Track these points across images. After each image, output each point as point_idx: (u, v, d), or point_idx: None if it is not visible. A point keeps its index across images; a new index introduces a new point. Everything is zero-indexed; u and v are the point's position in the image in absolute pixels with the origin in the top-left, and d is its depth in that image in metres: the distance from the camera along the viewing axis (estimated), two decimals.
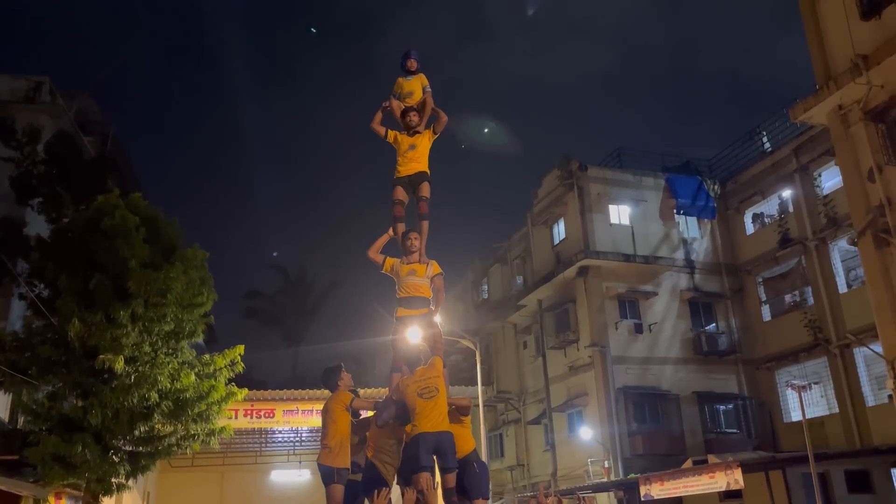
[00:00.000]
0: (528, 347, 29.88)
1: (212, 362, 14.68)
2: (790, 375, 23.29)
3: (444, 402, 5.80)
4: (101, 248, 13.46)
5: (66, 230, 14.50)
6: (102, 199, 13.91)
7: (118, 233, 13.33)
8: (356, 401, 6.04)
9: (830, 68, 17.40)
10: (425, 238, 7.01)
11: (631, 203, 26.79)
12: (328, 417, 5.94)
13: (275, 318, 50.71)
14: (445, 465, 5.69)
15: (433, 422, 5.64)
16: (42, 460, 12.81)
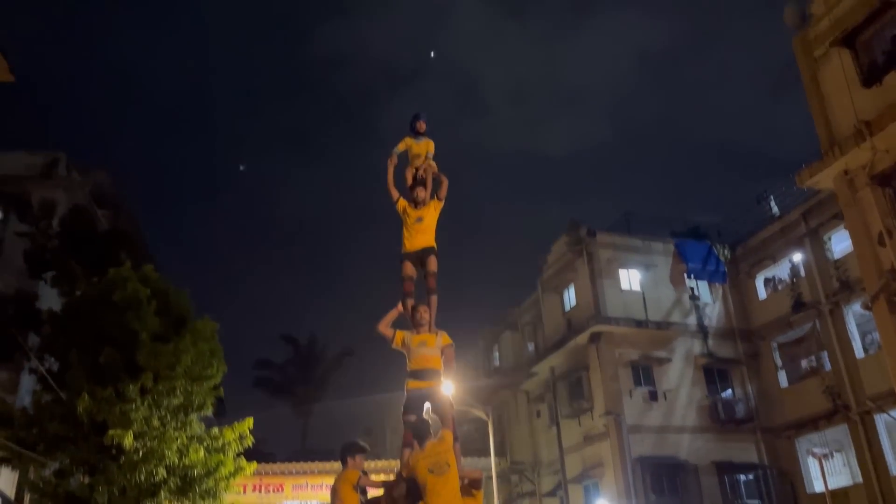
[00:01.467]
0: (542, 416, 29.47)
1: (220, 436, 14.57)
2: (811, 443, 22.82)
3: (456, 477, 5.75)
4: (112, 321, 13.59)
5: (78, 303, 14.67)
6: (114, 272, 14.12)
7: (129, 305, 13.49)
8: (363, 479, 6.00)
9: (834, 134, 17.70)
10: (434, 311, 7.10)
11: (641, 268, 26.85)
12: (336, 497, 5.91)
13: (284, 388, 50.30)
14: None
15: (445, 499, 5.59)
16: None
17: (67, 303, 15.29)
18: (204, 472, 13.70)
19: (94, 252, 16.95)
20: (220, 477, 14.06)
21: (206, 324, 14.78)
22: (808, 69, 18.33)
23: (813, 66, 18.20)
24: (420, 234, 7.50)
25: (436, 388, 6.66)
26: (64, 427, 13.01)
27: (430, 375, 6.71)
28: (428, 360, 6.76)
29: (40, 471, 13.66)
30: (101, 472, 12.71)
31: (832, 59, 17.56)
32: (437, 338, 6.90)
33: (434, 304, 7.15)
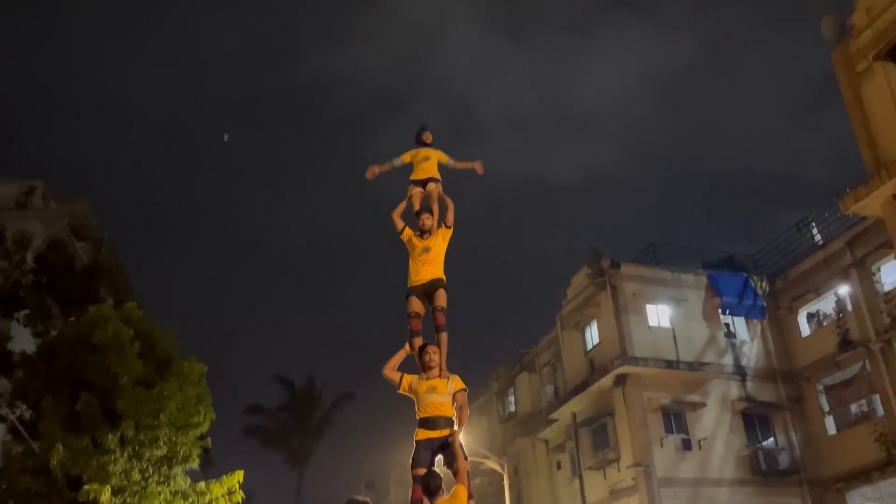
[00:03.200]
0: (563, 468, 29.09)
1: (207, 491, 14.39)
2: (864, 497, 22.45)
3: None
4: (90, 364, 13.52)
5: (54, 345, 14.63)
6: (94, 311, 14.08)
7: (110, 346, 13.42)
8: None
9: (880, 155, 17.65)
10: (445, 351, 7.01)
11: (670, 303, 26.66)
12: None
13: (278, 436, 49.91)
14: None
15: None
16: None
17: (42, 344, 15.25)
18: None
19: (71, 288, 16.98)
20: None
21: (194, 366, 14.68)
22: (850, 85, 18.35)
23: (855, 82, 18.23)
24: (428, 266, 7.44)
25: (447, 438, 6.56)
26: (36, 482, 12.86)
27: (441, 424, 6.62)
28: (438, 407, 6.67)
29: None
30: None
31: (876, 74, 17.59)
32: (449, 383, 6.80)
33: (444, 344, 7.06)
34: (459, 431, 6.62)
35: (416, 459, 6.53)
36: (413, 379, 6.90)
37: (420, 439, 6.62)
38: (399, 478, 41.15)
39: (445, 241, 7.64)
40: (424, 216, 7.68)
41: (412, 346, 7.13)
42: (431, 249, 7.49)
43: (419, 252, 7.49)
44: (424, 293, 7.40)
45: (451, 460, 6.46)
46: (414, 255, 7.53)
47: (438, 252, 7.54)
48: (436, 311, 7.29)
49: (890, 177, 16.86)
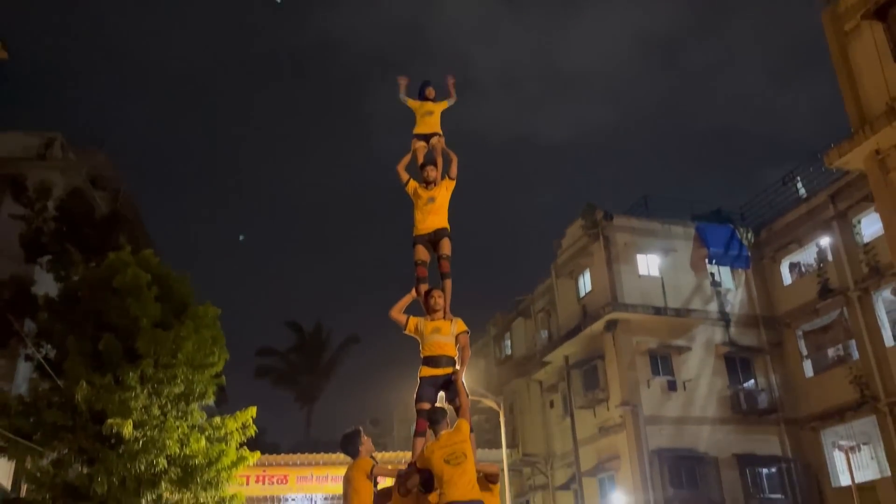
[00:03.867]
0: (555, 407, 29.46)
1: (223, 425, 14.59)
2: (837, 436, 22.74)
3: (472, 467, 5.72)
4: (111, 307, 13.60)
5: (76, 289, 14.69)
6: (114, 257, 14.11)
7: (129, 291, 13.47)
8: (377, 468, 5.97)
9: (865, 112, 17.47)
10: (449, 296, 7.03)
11: (660, 253, 26.68)
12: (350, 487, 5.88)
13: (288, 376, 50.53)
14: None
15: (462, 490, 5.55)
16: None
17: (64, 288, 15.30)
18: (205, 463, 13.73)
19: (91, 236, 16.98)
20: (222, 467, 14.08)
21: (208, 310, 14.77)
22: (838, 44, 18.09)
23: (842, 40, 17.96)
24: (432, 216, 7.41)
25: (450, 376, 6.61)
26: (62, 415, 13.04)
27: (444, 363, 6.66)
28: (442, 347, 6.70)
29: (37, 461, 13.72)
30: (100, 461, 12.74)
31: (863, 33, 17.32)
32: (452, 325, 6.83)
33: (448, 289, 7.08)
34: (462, 370, 6.67)
35: (420, 395, 6.59)
36: (419, 321, 6.93)
37: (424, 376, 6.67)
38: (402, 415, 41.71)
39: (449, 192, 7.60)
40: (429, 168, 7.62)
41: (418, 291, 7.14)
42: (436, 200, 7.45)
43: (424, 202, 7.45)
44: (429, 242, 7.39)
45: (453, 397, 6.51)
46: (419, 205, 7.49)
47: (442, 203, 7.51)
48: (441, 259, 7.30)
49: (874, 132, 16.72)
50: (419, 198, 7.50)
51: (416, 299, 7.10)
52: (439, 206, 7.47)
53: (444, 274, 7.20)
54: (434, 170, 7.62)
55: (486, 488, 6.04)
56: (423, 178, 7.62)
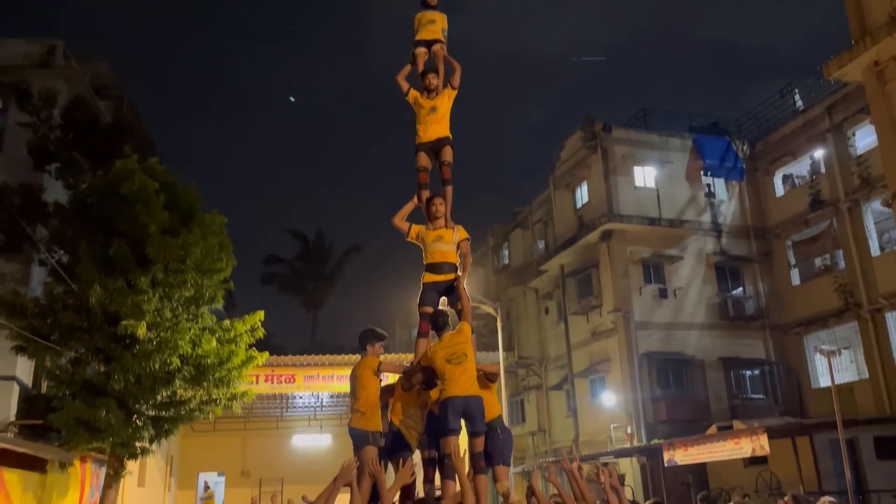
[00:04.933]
0: (550, 313, 29.93)
1: (232, 328, 14.82)
2: (819, 341, 23.17)
3: (473, 366, 5.83)
4: (120, 214, 13.55)
5: (85, 196, 14.60)
6: (121, 165, 13.95)
7: (137, 198, 13.39)
8: (384, 365, 6.10)
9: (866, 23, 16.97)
10: (450, 203, 6.97)
11: (656, 165, 26.51)
12: (357, 383, 6.00)
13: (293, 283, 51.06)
14: (474, 429, 5.74)
15: (462, 386, 5.68)
16: (67, 425, 13.08)
17: (74, 195, 15.22)
18: (217, 362, 14.00)
19: (97, 144, 16.74)
20: (233, 366, 14.37)
21: (215, 217, 14.72)
22: None
23: None
24: (434, 125, 7.27)
25: (452, 281, 6.65)
26: (77, 317, 13.20)
27: (446, 269, 6.69)
28: (444, 254, 6.72)
29: (56, 359, 14.00)
30: (116, 360, 12.98)
31: None
32: (454, 232, 6.82)
33: (450, 196, 7.02)
34: (464, 276, 6.70)
35: (423, 299, 6.65)
36: (420, 228, 6.90)
37: (427, 282, 6.71)
38: (403, 320, 42.38)
39: (450, 101, 7.42)
40: (430, 75, 7.41)
41: (419, 198, 7.09)
42: (438, 109, 7.29)
43: (426, 112, 7.29)
44: (431, 150, 7.28)
45: (455, 301, 6.57)
46: (421, 114, 7.33)
47: (444, 111, 7.34)
48: (442, 166, 7.20)
49: (874, 43, 16.30)
50: (421, 107, 7.34)
51: (419, 206, 7.06)
52: (441, 115, 7.32)
53: (446, 180, 7.13)
54: (435, 77, 7.41)
55: (486, 386, 6.17)
56: (425, 85, 7.42)
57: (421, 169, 7.19)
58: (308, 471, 23.96)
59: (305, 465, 26.32)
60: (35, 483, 13.13)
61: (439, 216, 6.88)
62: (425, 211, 7.01)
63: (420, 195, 7.11)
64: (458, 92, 7.53)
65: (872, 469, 18.09)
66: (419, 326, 6.60)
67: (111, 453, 14.09)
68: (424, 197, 7.06)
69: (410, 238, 6.93)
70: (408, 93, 7.46)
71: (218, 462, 28.97)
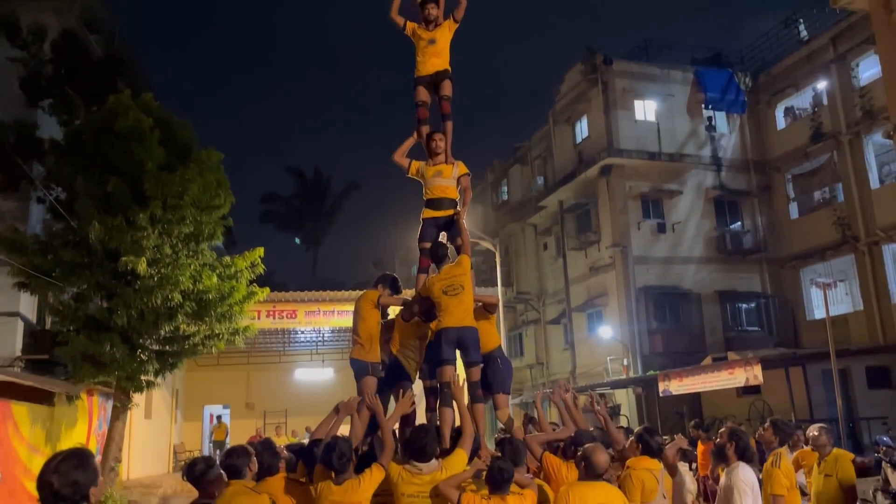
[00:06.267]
0: (549, 249, 30.02)
1: (232, 264, 14.89)
2: (816, 273, 23.32)
3: (470, 298, 5.86)
4: (116, 151, 13.43)
5: (80, 132, 14.44)
6: (114, 100, 13.75)
7: (133, 135, 13.25)
8: (383, 297, 6.12)
9: None
10: (450, 138, 6.87)
11: (657, 98, 26.14)
12: (357, 316, 6.05)
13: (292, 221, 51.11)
14: (469, 359, 5.80)
15: (457, 317, 5.72)
16: (72, 359, 13.29)
17: (69, 132, 15.05)
18: (218, 297, 14.12)
19: (89, 79, 16.43)
20: (234, 302, 14.51)
21: (212, 154, 14.59)
22: None
23: None
24: (433, 58, 7.09)
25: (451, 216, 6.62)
26: (77, 254, 13.23)
27: (446, 205, 6.64)
28: (444, 189, 6.65)
29: (58, 295, 14.10)
30: (118, 296, 13.09)
31: None
32: (454, 168, 6.73)
33: (449, 131, 6.90)
34: (464, 211, 6.66)
35: (423, 235, 6.62)
36: (420, 164, 6.81)
37: (426, 217, 6.66)
38: (403, 257, 42.56)
39: (451, 34, 7.22)
40: (430, 6, 7.16)
41: (419, 133, 6.98)
42: (437, 41, 7.09)
43: (425, 44, 7.10)
44: (430, 83, 7.12)
45: (455, 235, 6.54)
46: (420, 47, 7.13)
47: (444, 44, 7.14)
48: (442, 101, 7.05)
49: None
50: (420, 39, 7.14)
51: (419, 142, 6.97)
52: (440, 48, 7.12)
53: (445, 115, 7.00)
54: (435, 7, 7.17)
55: (485, 317, 6.22)
56: (424, 16, 7.21)
57: (420, 103, 7.05)
58: (311, 403, 24.43)
59: (308, 398, 26.84)
60: (43, 415, 13.39)
61: (439, 152, 6.78)
62: (425, 146, 6.92)
63: (419, 130, 7.00)
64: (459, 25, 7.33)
65: (863, 398, 18.47)
66: (419, 262, 6.59)
67: (117, 386, 14.35)
68: (424, 132, 6.94)
69: (411, 174, 6.86)
70: (405, 27, 7.26)
71: (223, 395, 29.56)
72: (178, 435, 27.76)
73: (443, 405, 5.66)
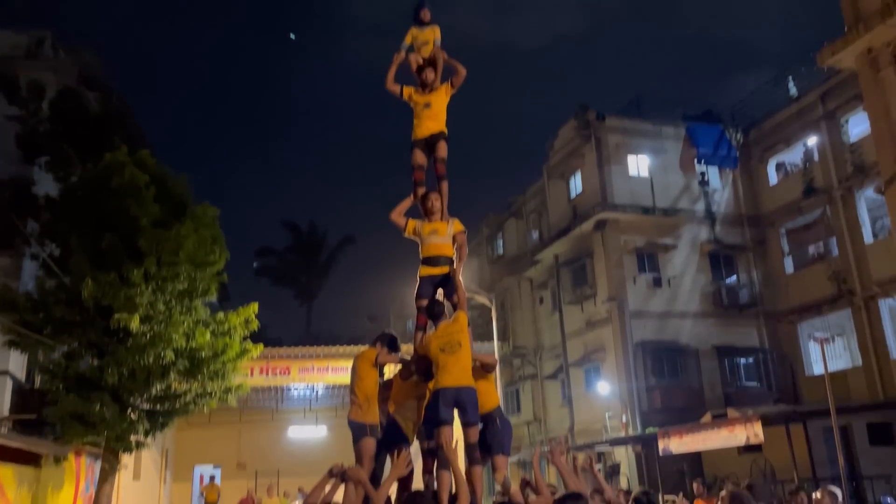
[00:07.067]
0: (545, 303, 30.00)
1: (226, 320, 14.84)
2: (813, 328, 23.29)
3: (468, 356, 5.84)
4: (111, 207, 13.52)
5: (75, 189, 14.55)
6: (110, 157, 13.90)
7: (128, 191, 13.37)
8: (381, 356, 6.10)
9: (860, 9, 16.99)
10: (445, 198, 7.00)
11: (650, 153, 26.53)
12: (355, 374, 6.02)
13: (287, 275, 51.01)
14: (466, 419, 5.75)
15: (454, 376, 5.69)
16: (61, 419, 13.09)
17: (64, 188, 15.16)
18: (211, 355, 14.04)
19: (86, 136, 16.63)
20: (227, 359, 14.42)
21: (207, 209, 14.73)
22: None
23: None
24: (429, 121, 7.25)
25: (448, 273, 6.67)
26: (69, 311, 13.20)
27: (442, 262, 6.71)
28: (440, 247, 6.73)
29: (49, 353, 13.98)
30: (110, 354, 13.01)
31: None
32: (449, 225, 6.83)
33: (445, 191, 7.03)
34: (460, 267, 6.71)
35: (419, 293, 6.65)
36: (417, 223, 6.91)
37: (423, 275, 6.72)
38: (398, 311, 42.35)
39: (447, 98, 7.37)
40: (427, 71, 7.34)
41: (416, 194, 7.10)
42: (433, 105, 7.25)
43: (421, 108, 7.26)
44: (427, 145, 7.27)
45: (451, 292, 6.58)
46: (416, 110, 7.30)
47: (440, 107, 7.30)
48: (437, 162, 7.20)
49: (867, 30, 16.33)
50: (416, 104, 7.31)
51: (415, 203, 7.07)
52: (436, 111, 7.28)
53: (441, 176, 7.14)
54: (432, 72, 7.35)
55: (483, 376, 6.19)
56: (421, 80, 7.38)
57: (416, 167, 7.19)
58: (304, 462, 24.02)
59: (301, 457, 26.39)
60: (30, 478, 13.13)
61: (435, 211, 6.90)
62: (421, 207, 7.03)
63: (416, 192, 7.12)
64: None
65: (865, 456, 18.24)
66: (416, 320, 6.60)
67: (106, 447, 14.11)
68: (420, 194, 7.07)
69: (407, 234, 6.95)
70: (401, 93, 7.42)
71: (214, 454, 29.02)
72: (167, 496, 27.16)
73: (440, 468, 5.59)
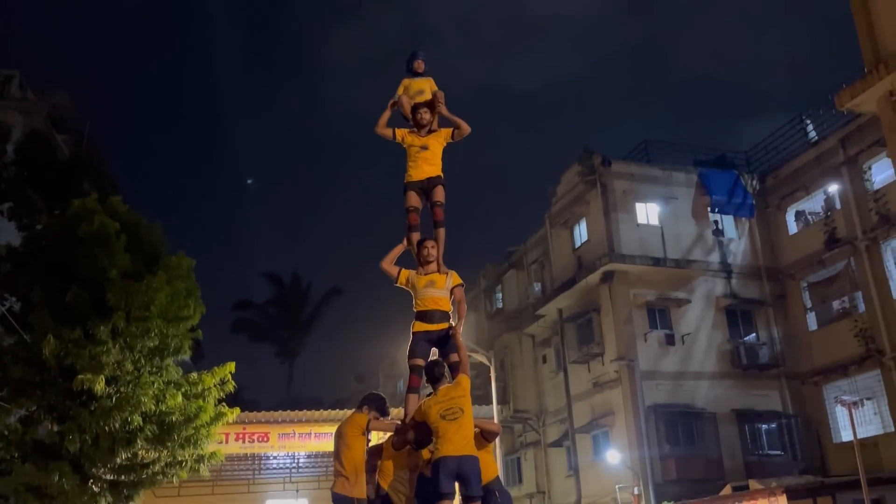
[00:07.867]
0: (548, 362, 29.81)
1: (200, 381, 14.66)
2: (839, 391, 23.14)
3: (470, 423, 5.78)
4: (77, 258, 13.49)
5: (40, 238, 14.55)
6: (79, 204, 13.94)
7: (96, 240, 13.35)
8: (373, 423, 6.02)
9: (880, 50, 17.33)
10: (442, 246, 6.98)
11: (660, 201, 26.69)
12: (342, 442, 5.92)
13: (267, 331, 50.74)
14: (469, 492, 5.66)
15: (456, 445, 5.62)
16: (15, 491, 12.83)
17: (28, 237, 15.15)
18: (183, 419, 13.82)
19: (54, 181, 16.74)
20: (201, 424, 14.19)
21: (182, 260, 14.70)
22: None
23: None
24: (426, 164, 7.31)
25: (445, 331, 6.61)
26: (29, 371, 13.03)
27: (438, 318, 6.66)
28: (436, 301, 6.69)
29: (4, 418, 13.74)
30: (72, 419, 12.80)
31: None
32: (447, 278, 6.80)
33: (442, 238, 7.02)
34: (460, 325, 6.67)
35: (413, 351, 6.60)
36: (411, 273, 6.89)
37: (417, 331, 6.66)
38: (388, 371, 42.08)
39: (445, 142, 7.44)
40: (422, 110, 7.43)
41: (409, 240, 7.09)
42: (430, 148, 7.33)
43: (417, 150, 7.33)
44: (422, 190, 7.31)
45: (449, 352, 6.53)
46: (411, 153, 7.36)
47: (437, 151, 7.38)
48: (434, 207, 7.22)
49: (888, 72, 16.59)
50: (411, 146, 7.38)
51: (408, 250, 7.06)
52: (433, 154, 7.35)
53: (438, 222, 7.14)
54: (427, 112, 7.44)
55: (482, 446, 6.11)
56: (415, 120, 7.46)
57: (411, 209, 7.20)
58: None
59: None
60: None
61: (431, 260, 6.87)
62: (416, 255, 7.01)
63: (410, 237, 7.11)
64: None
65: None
66: (409, 381, 6.53)
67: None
68: (415, 240, 7.06)
69: (399, 283, 6.91)
70: (394, 136, 7.49)
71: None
72: None
73: None
